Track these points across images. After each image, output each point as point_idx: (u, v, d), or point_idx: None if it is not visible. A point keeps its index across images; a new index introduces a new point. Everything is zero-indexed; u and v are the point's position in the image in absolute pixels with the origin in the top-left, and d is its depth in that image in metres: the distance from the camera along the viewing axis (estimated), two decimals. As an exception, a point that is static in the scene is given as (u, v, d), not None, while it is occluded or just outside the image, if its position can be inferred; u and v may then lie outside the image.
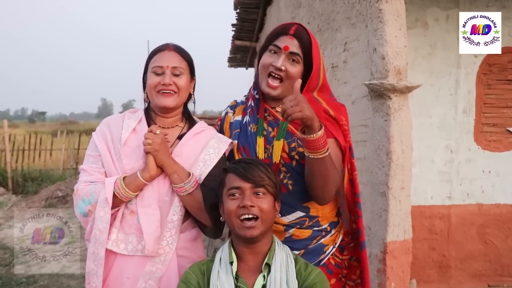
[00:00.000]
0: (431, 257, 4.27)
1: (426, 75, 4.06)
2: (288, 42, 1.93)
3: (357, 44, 3.10)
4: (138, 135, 1.97)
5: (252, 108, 2.05)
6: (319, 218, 1.96)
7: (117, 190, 1.88)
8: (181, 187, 1.89)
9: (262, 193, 1.69)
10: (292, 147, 1.90)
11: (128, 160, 1.95)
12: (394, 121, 2.68)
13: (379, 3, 2.66)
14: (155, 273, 1.89)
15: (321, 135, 1.69)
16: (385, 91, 2.64)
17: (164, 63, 1.95)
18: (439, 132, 4.22)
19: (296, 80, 1.75)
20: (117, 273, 1.91)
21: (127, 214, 1.94)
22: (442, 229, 4.27)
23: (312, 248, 1.95)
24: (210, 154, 1.98)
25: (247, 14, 8.16)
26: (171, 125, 2.05)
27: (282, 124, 1.94)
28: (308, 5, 4.31)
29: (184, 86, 1.97)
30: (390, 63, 2.65)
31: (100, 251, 1.89)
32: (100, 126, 2.06)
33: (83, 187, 1.94)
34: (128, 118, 2.04)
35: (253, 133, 2.00)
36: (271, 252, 1.71)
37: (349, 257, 2.06)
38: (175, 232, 1.93)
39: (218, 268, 1.76)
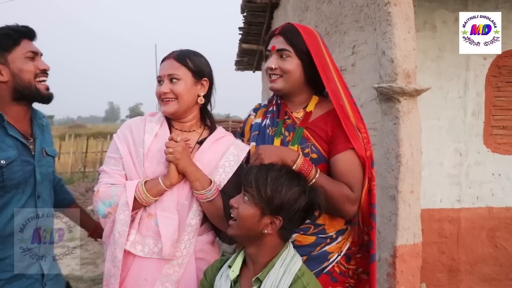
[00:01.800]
0: (440, 261, 4.24)
1: (434, 78, 4.04)
2: (275, 41, 1.99)
3: (365, 47, 3.09)
4: (160, 139, 2.00)
5: (273, 112, 2.08)
6: (325, 226, 1.94)
7: (138, 195, 1.90)
8: (203, 194, 1.90)
9: (247, 198, 1.63)
10: (306, 153, 1.90)
11: (149, 163, 1.97)
12: (403, 125, 2.67)
13: (388, 6, 2.65)
14: (172, 275, 1.90)
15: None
16: (394, 94, 2.63)
17: (162, 72, 2.02)
18: (448, 135, 4.19)
19: None
20: (135, 275, 1.93)
21: (145, 216, 1.96)
22: (452, 232, 4.24)
23: (315, 255, 1.93)
24: (229, 161, 2.01)
25: (254, 17, 8.17)
26: (189, 129, 2.08)
27: (298, 129, 1.95)
28: (316, 8, 4.30)
29: (181, 92, 1.99)
30: (399, 66, 2.63)
31: (119, 253, 1.91)
32: (121, 129, 2.09)
33: (104, 189, 1.97)
34: (150, 122, 2.08)
35: (271, 136, 2.01)
36: (268, 267, 1.64)
37: (355, 268, 2.01)
38: (193, 236, 1.95)
39: (223, 270, 1.77)
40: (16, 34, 1.97)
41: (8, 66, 1.95)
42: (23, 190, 1.99)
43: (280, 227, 1.62)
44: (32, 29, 2.03)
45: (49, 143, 2.16)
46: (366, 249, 2.00)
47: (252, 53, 10.12)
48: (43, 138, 2.12)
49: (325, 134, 1.92)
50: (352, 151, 1.87)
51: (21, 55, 1.97)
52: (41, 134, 2.11)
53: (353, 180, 1.87)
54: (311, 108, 2.00)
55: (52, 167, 2.14)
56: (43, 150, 2.09)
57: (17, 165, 1.95)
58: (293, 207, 1.60)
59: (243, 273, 1.72)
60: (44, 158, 2.09)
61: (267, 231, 1.62)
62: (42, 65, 2.02)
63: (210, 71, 2.09)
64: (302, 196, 1.61)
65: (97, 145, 16.73)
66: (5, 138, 1.94)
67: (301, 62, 1.95)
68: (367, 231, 1.99)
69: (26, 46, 1.99)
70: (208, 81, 2.06)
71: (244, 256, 1.74)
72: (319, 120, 1.96)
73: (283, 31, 1.98)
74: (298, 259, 1.68)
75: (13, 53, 1.96)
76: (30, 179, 2.01)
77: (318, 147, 1.91)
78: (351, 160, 1.87)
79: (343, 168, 1.87)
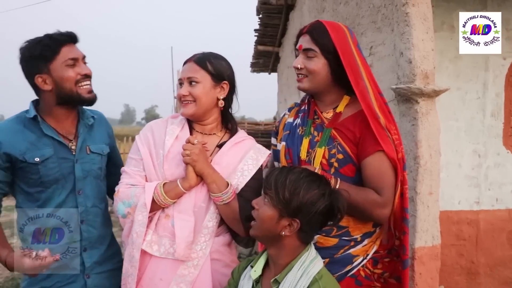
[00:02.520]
0: (459, 263, 4.19)
1: (452, 79, 4.00)
2: (302, 40, 1.98)
3: (382, 48, 3.08)
4: (181, 142, 2.03)
5: (304, 112, 2.07)
6: (349, 229, 1.91)
7: (156, 197, 1.93)
8: (219, 196, 1.92)
9: (266, 200, 1.66)
10: (332, 154, 1.88)
11: (168, 165, 2.00)
12: (422, 126, 2.65)
13: (406, 6, 2.64)
14: (187, 276, 1.92)
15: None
16: (412, 95, 2.61)
17: (182, 75, 2.05)
18: (466, 136, 4.14)
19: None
20: (151, 274, 1.96)
21: (162, 217, 1.99)
22: (471, 234, 4.19)
23: (338, 257, 1.90)
24: (248, 164, 2.02)
25: (269, 19, 8.18)
26: (209, 132, 2.10)
27: (326, 130, 1.92)
28: (332, 10, 4.30)
29: (199, 94, 2.00)
30: (417, 67, 2.62)
31: (136, 253, 1.95)
32: (143, 131, 2.14)
33: (124, 190, 2.01)
34: (171, 124, 2.11)
35: (300, 135, 2.00)
36: (287, 269, 1.65)
37: (381, 272, 1.96)
38: (210, 238, 1.97)
39: (247, 270, 1.78)
40: (55, 43, 2.03)
41: (51, 75, 2.04)
42: (63, 186, 2.08)
43: (298, 229, 1.63)
44: (72, 34, 2.09)
45: (96, 141, 2.23)
46: (396, 253, 1.96)
47: (268, 55, 10.12)
48: (89, 136, 2.20)
49: (352, 135, 1.89)
50: (381, 153, 1.83)
51: (61, 63, 2.03)
52: (86, 132, 2.19)
53: (382, 183, 1.82)
54: (341, 109, 1.97)
55: (97, 164, 2.21)
56: (87, 148, 2.17)
57: (52, 162, 2.05)
58: (311, 210, 1.60)
59: (265, 274, 1.74)
60: (88, 155, 2.17)
61: (284, 233, 1.63)
62: (83, 70, 2.09)
63: (231, 74, 2.09)
64: (321, 199, 1.61)
65: (113, 147, 16.87)
66: (41, 138, 2.06)
67: (327, 61, 1.92)
68: (399, 235, 1.95)
69: (66, 54, 2.05)
70: (228, 85, 2.07)
71: (267, 257, 1.76)
72: (347, 121, 1.93)
73: (310, 30, 1.96)
74: (319, 262, 1.68)
75: (54, 62, 2.03)
76: (69, 175, 2.10)
77: (345, 147, 1.88)
78: (379, 163, 1.83)
79: (372, 172, 1.84)
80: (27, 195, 2.08)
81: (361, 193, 1.82)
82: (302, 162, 1.94)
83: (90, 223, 2.16)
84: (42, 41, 2.03)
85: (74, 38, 2.10)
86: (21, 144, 2.02)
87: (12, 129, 2.05)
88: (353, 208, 1.79)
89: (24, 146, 2.02)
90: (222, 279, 2.00)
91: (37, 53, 2.01)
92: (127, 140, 17.42)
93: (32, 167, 2.02)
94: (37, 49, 2.01)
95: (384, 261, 1.97)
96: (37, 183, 2.04)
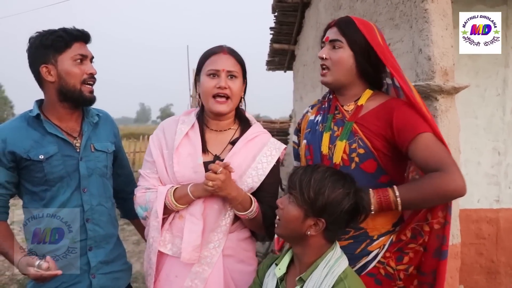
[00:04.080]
0: (478, 262, 4.14)
1: (471, 75, 3.95)
2: (329, 32, 1.98)
3: (401, 45, 3.04)
4: (191, 140, 2.01)
5: (325, 109, 2.04)
6: (368, 230, 1.88)
7: (167, 203, 1.95)
8: (245, 214, 1.92)
9: (291, 200, 1.65)
10: (353, 148, 1.85)
11: (178, 167, 1.98)
12: (441, 123, 2.61)
13: (425, 3, 2.60)
14: (201, 274, 1.94)
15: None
16: (432, 92, 2.58)
17: (220, 66, 1.96)
18: (485, 134, 4.09)
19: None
20: (167, 271, 1.99)
21: (176, 217, 2.00)
22: (490, 233, 4.14)
23: (357, 254, 1.87)
24: (262, 163, 1.99)
25: (285, 17, 8.15)
26: (224, 128, 2.08)
27: (347, 124, 1.89)
28: (349, 7, 4.27)
29: (237, 91, 1.99)
30: (437, 64, 2.58)
31: (153, 257, 1.99)
32: (156, 131, 2.13)
33: (140, 195, 2.04)
34: (182, 123, 2.08)
35: (320, 132, 1.97)
36: (312, 268, 1.65)
37: (407, 266, 1.85)
38: (223, 236, 1.97)
39: (272, 268, 1.79)
40: (69, 37, 2.05)
41: (56, 67, 2.04)
42: (67, 184, 2.08)
43: (324, 228, 1.63)
44: (86, 33, 2.11)
45: (101, 139, 2.23)
46: (422, 242, 1.83)
47: (283, 53, 10.08)
48: (94, 134, 2.20)
49: (377, 128, 1.84)
50: (423, 134, 1.74)
51: (70, 57, 2.04)
52: (91, 130, 2.19)
53: (439, 158, 1.70)
54: (363, 102, 1.93)
55: (103, 162, 2.20)
56: (91, 145, 2.17)
57: (57, 160, 2.05)
58: (336, 209, 1.60)
59: (290, 272, 1.74)
60: (93, 153, 2.17)
61: (310, 232, 1.63)
62: (89, 69, 2.10)
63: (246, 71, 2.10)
64: (346, 198, 1.60)
65: (129, 145, 17.00)
66: (45, 136, 2.06)
67: (353, 53, 1.91)
68: (431, 220, 1.82)
69: (77, 49, 2.06)
70: (246, 83, 2.09)
71: (292, 255, 1.76)
72: (369, 115, 1.89)
73: (338, 22, 1.97)
74: (344, 261, 1.67)
75: (63, 55, 2.04)
76: (74, 173, 2.10)
77: (366, 142, 1.84)
78: (426, 141, 1.73)
79: (424, 154, 1.72)
80: (32, 195, 2.08)
81: (424, 183, 1.71)
82: (324, 157, 1.92)
83: (95, 222, 2.15)
84: (56, 33, 2.05)
85: (87, 37, 2.12)
86: (25, 142, 2.02)
87: (16, 127, 2.06)
88: (428, 202, 1.73)
89: (28, 144, 2.02)
90: (235, 275, 2.00)
91: (48, 43, 2.02)
92: (142, 138, 17.51)
93: (36, 165, 2.02)
94: (49, 39, 2.02)
95: (409, 249, 1.85)
96: (42, 181, 2.05)
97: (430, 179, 1.69)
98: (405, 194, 1.72)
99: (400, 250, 1.87)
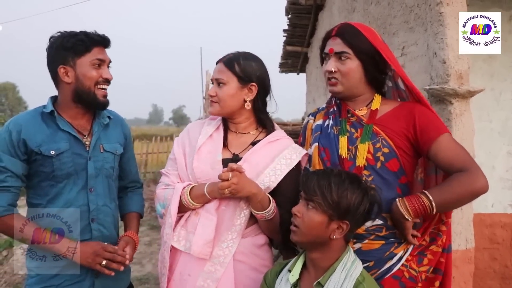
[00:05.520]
0: (492, 267, 4.11)
1: (486, 79, 3.92)
2: (332, 44, 1.97)
3: (415, 48, 3.04)
4: (214, 141, 2.07)
5: (335, 113, 2.05)
6: (396, 232, 1.89)
7: (184, 202, 1.98)
8: (262, 214, 1.92)
9: (311, 207, 1.65)
10: (377, 148, 1.87)
11: (198, 163, 2.03)
12: (456, 127, 2.60)
13: (440, 6, 2.60)
14: (214, 273, 1.94)
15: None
16: (446, 96, 2.57)
17: (212, 76, 2.09)
18: (500, 138, 4.06)
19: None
20: (181, 269, 2.01)
21: (192, 214, 2.03)
22: (504, 238, 4.10)
23: (384, 258, 1.87)
24: (281, 164, 2.00)
25: (298, 19, 8.16)
26: (243, 130, 2.12)
27: (367, 126, 1.91)
28: (363, 10, 4.26)
29: (224, 96, 2.04)
30: (451, 67, 2.57)
31: (166, 255, 2.01)
32: (182, 132, 2.21)
33: (159, 191, 2.09)
34: (208, 125, 2.16)
35: (336, 135, 1.98)
36: (329, 272, 1.65)
37: (428, 268, 1.90)
38: (237, 236, 1.97)
39: (283, 274, 1.78)
40: (90, 41, 2.09)
41: (75, 70, 2.08)
42: (74, 182, 2.10)
43: (347, 231, 1.65)
44: (106, 38, 2.15)
45: (111, 140, 2.25)
46: (439, 241, 1.93)
47: (297, 55, 10.09)
48: (104, 135, 2.23)
49: (398, 128, 1.88)
50: (445, 135, 1.83)
51: (89, 61, 2.09)
52: (101, 131, 2.22)
53: (463, 158, 1.79)
54: (377, 106, 1.96)
55: (110, 163, 2.22)
56: (101, 146, 2.19)
57: (67, 157, 2.07)
58: (358, 210, 1.63)
59: (303, 277, 1.74)
60: (101, 153, 2.19)
61: (335, 236, 1.65)
62: (105, 74, 2.13)
63: (261, 76, 2.09)
64: (365, 198, 1.64)
65: (142, 146, 17.07)
66: (57, 132, 2.09)
67: (361, 63, 1.92)
68: (446, 219, 1.93)
69: (96, 54, 2.11)
70: (256, 86, 2.07)
71: (304, 260, 1.76)
72: (388, 116, 1.92)
73: (340, 32, 1.95)
74: (359, 264, 1.69)
75: (83, 58, 2.08)
76: (82, 172, 2.12)
77: (389, 142, 1.87)
78: (448, 142, 1.82)
79: (447, 154, 1.80)
80: (37, 189, 2.10)
81: (454, 184, 1.76)
82: (344, 160, 1.92)
83: (100, 222, 2.16)
84: (77, 36, 2.08)
85: (107, 42, 2.16)
86: (37, 136, 2.05)
87: (30, 120, 2.08)
88: (459, 202, 1.81)
89: (40, 138, 2.05)
90: (247, 282, 1.99)
91: (69, 45, 2.06)
92: (155, 140, 17.58)
93: (46, 159, 2.04)
94: (69, 42, 2.06)
95: (428, 251, 1.92)
96: (49, 177, 2.06)
97: (459, 180, 1.75)
98: (439, 197, 1.75)
99: (421, 252, 1.92)
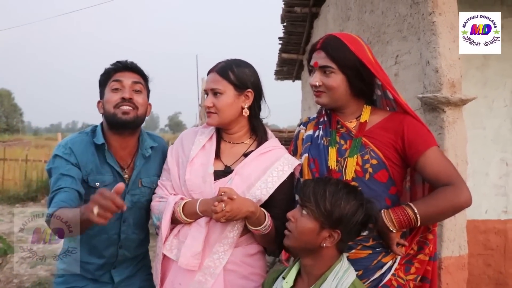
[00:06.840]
0: (486, 273, 4.13)
1: (479, 87, 3.96)
2: (316, 57, 1.96)
3: (408, 57, 3.08)
4: (207, 152, 2.05)
5: (325, 123, 2.05)
6: (383, 242, 1.90)
7: (176, 217, 1.99)
8: (258, 229, 1.92)
9: (305, 212, 1.66)
10: (366, 159, 1.87)
11: (190, 175, 2.02)
12: (449, 135, 2.64)
13: (432, 15, 2.64)
14: (204, 283, 1.94)
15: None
16: (439, 104, 2.60)
17: (206, 86, 2.06)
18: (493, 145, 4.09)
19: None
20: (172, 277, 2.03)
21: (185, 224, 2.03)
22: (498, 244, 4.12)
23: (372, 267, 1.88)
24: (273, 176, 1.98)
25: (294, 27, 8.18)
26: (236, 140, 2.10)
27: (356, 140, 1.91)
28: (358, 18, 4.30)
29: (222, 106, 2.02)
30: (444, 76, 2.61)
31: (158, 266, 2.06)
32: (176, 141, 2.19)
33: (154, 204, 2.12)
34: (201, 134, 2.13)
35: (325, 146, 1.98)
36: (321, 280, 1.66)
37: (415, 276, 1.93)
38: (229, 248, 1.96)
39: (278, 281, 1.80)
40: (109, 70, 2.18)
41: (103, 100, 2.18)
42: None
43: (339, 240, 1.66)
44: (123, 63, 2.20)
45: (150, 174, 2.27)
46: (427, 249, 1.95)
47: (292, 63, 10.11)
48: (145, 169, 2.26)
49: (387, 140, 1.89)
50: (433, 148, 1.85)
51: (109, 88, 2.16)
52: (142, 164, 2.25)
53: (449, 172, 1.82)
54: (366, 118, 1.97)
55: (146, 197, 2.25)
56: (139, 181, 2.24)
57: (109, 190, 2.07)
58: (351, 221, 1.64)
59: (297, 285, 1.74)
60: (139, 188, 2.24)
61: (325, 244, 1.66)
62: (123, 94, 2.15)
63: (255, 82, 2.08)
64: (360, 209, 1.64)
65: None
66: (104, 165, 2.15)
67: (345, 77, 1.92)
68: (432, 228, 1.96)
69: (113, 78, 2.17)
70: (253, 92, 2.06)
71: (299, 267, 1.77)
72: (377, 128, 1.93)
73: (324, 46, 1.94)
74: (352, 273, 1.69)
75: (106, 88, 2.17)
76: None
77: (378, 153, 1.87)
78: (435, 155, 1.85)
79: (434, 168, 1.82)
80: None
81: (439, 197, 1.79)
82: (332, 172, 1.92)
83: (126, 248, 2.26)
84: (104, 70, 2.19)
85: (126, 66, 2.20)
86: (88, 165, 2.12)
87: (85, 148, 2.15)
88: (443, 215, 1.86)
89: (89, 167, 2.12)
90: None
91: (101, 80, 2.19)
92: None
93: (89, 189, 2.07)
94: (101, 77, 2.19)
95: (416, 260, 1.95)
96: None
97: (444, 194, 1.78)
98: (423, 209, 1.78)
99: (408, 261, 1.94)
